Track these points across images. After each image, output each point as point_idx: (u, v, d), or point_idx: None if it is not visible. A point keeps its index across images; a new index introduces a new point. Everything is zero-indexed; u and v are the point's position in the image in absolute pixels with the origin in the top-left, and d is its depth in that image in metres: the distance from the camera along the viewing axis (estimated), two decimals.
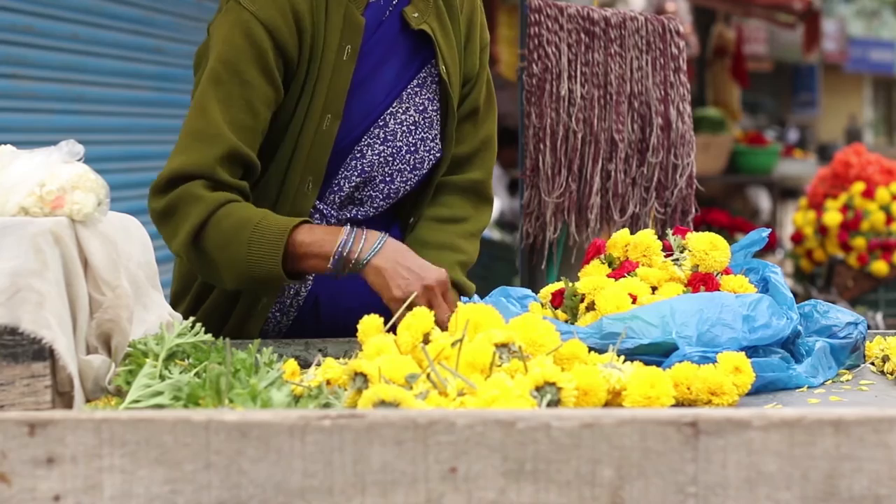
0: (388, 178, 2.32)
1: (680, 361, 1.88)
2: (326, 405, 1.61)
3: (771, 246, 7.53)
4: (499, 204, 8.77)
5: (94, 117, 4.86)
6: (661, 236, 2.21)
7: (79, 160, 1.71)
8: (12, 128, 4.23)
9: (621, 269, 2.14)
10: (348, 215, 2.33)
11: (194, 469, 1.29)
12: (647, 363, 1.79)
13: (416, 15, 2.31)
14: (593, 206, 2.94)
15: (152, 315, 1.80)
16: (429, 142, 2.35)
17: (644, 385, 1.67)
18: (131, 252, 1.77)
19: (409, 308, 1.82)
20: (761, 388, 1.94)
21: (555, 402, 1.54)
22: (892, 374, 2.04)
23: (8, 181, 1.66)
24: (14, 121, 4.31)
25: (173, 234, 2.19)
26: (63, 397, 1.57)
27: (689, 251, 2.15)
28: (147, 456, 1.29)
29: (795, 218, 6.65)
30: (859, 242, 6.20)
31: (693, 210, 3.01)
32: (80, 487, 1.30)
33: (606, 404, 1.68)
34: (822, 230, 6.32)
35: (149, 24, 5.22)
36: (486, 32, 2.51)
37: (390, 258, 2.10)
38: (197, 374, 1.63)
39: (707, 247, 2.13)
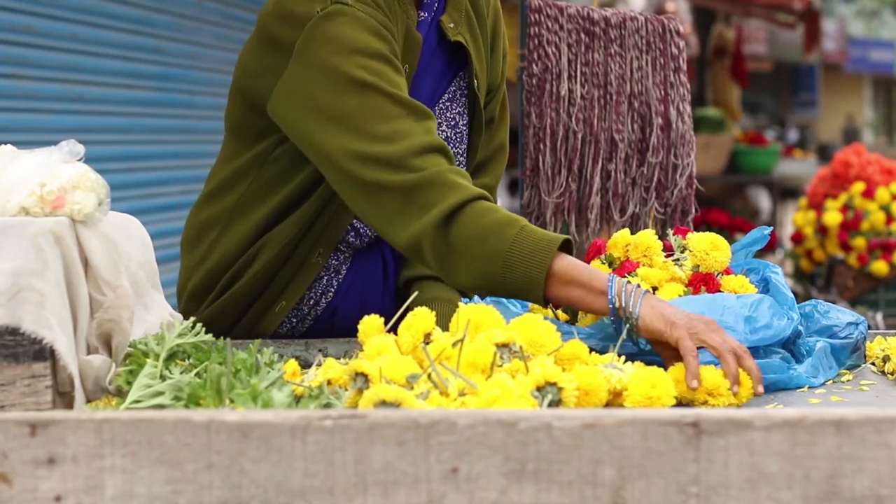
0: None
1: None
2: (327, 405, 1.61)
3: (771, 246, 7.53)
4: (499, 204, 8.75)
5: (94, 117, 4.86)
6: (662, 236, 2.21)
7: (79, 160, 1.71)
8: (12, 128, 4.23)
9: (622, 269, 2.14)
10: (376, 237, 2.33)
11: (195, 469, 1.29)
12: (647, 364, 1.79)
13: (451, 25, 2.29)
14: (593, 206, 2.94)
15: (152, 315, 1.80)
16: (459, 157, 2.33)
17: (645, 385, 1.67)
18: (131, 252, 1.77)
19: (410, 307, 1.82)
20: None
21: (556, 403, 1.54)
22: (892, 374, 2.04)
23: (8, 181, 1.66)
24: (14, 121, 4.31)
25: (420, 212, 2.02)
26: (64, 397, 1.57)
27: (690, 251, 2.15)
28: (148, 456, 1.29)
29: (795, 218, 6.65)
30: (859, 242, 6.20)
31: (693, 210, 3.01)
32: (82, 487, 1.30)
33: (607, 404, 1.68)
34: (822, 230, 6.32)
35: (149, 24, 5.22)
36: (507, 42, 2.50)
37: (667, 306, 1.88)
38: (198, 375, 1.63)
39: (708, 247, 2.13)
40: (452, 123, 2.34)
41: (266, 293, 2.32)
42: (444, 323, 1.81)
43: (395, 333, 1.79)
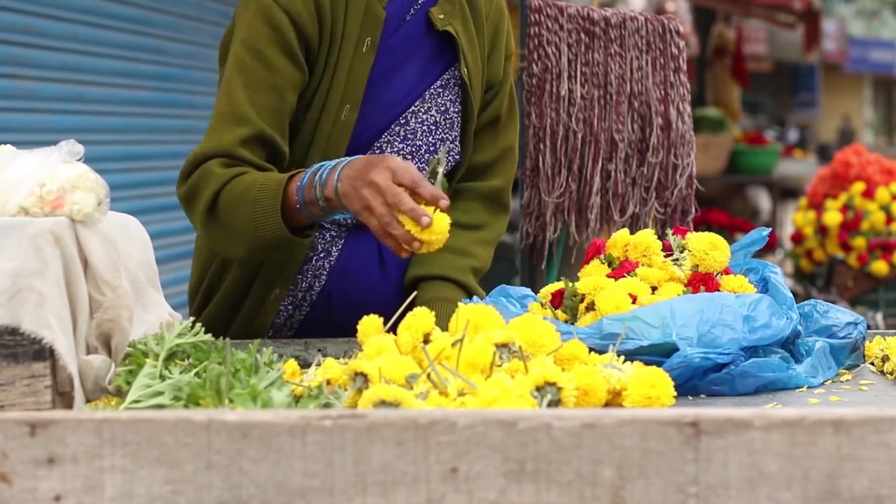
0: None
1: (682, 362, 1.88)
2: (327, 405, 1.61)
3: (771, 246, 7.53)
4: None
5: (94, 117, 4.86)
6: (661, 236, 2.21)
7: (79, 160, 1.71)
8: (12, 128, 4.23)
9: (621, 269, 2.14)
10: None
11: (195, 469, 1.29)
12: (647, 363, 1.79)
13: (441, 16, 2.33)
14: (593, 206, 2.94)
15: (152, 315, 1.80)
16: (448, 143, 2.36)
17: (644, 385, 1.67)
18: (131, 252, 1.77)
19: (411, 306, 1.82)
20: (761, 388, 1.94)
21: (555, 403, 1.54)
22: (891, 373, 2.04)
23: (8, 181, 1.66)
24: (14, 121, 4.31)
25: (194, 214, 2.21)
26: (63, 397, 1.57)
27: (689, 251, 2.15)
28: (148, 456, 1.29)
29: (795, 218, 6.65)
30: (859, 242, 6.20)
31: (693, 210, 3.01)
32: (81, 487, 1.30)
33: (607, 404, 1.68)
34: (822, 230, 6.32)
35: (149, 24, 5.22)
36: (512, 42, 2.52)
37: (345, 178, 2.03)
38: (197, 374, 1.63)
39: (707, 247, 2.13)
40: (442, 109, 2.36)
41: (257, 282, 2.33)
42: (445, 323, 1.82)
43: (395, 333, 1.79)
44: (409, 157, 2.32)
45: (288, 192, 2.11)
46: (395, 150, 2.31)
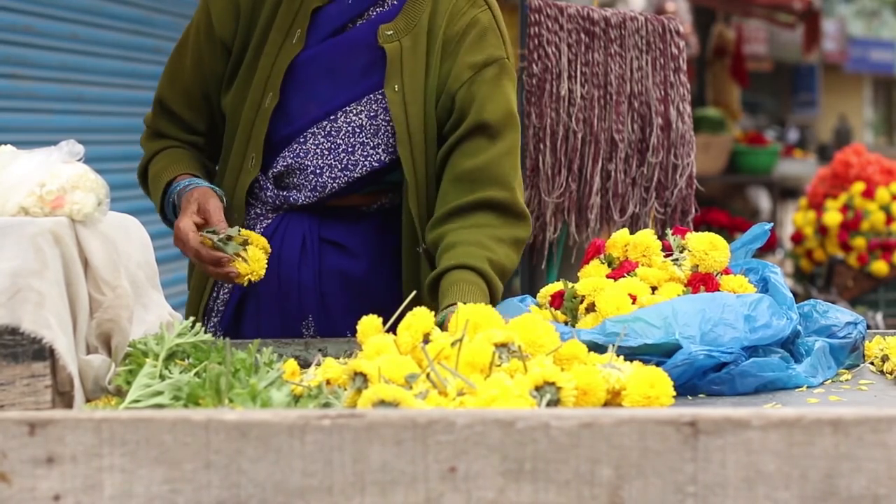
0: (318, 171, 2.38)
1: (685, 360, 1.88)
2: (326, 405, 1.61)
3: (771, 246, 7.53)
4: None
5: (94, 117, 4.86)
6: (661, 236, 2.21)
7: (79, 160, 1.71)
8: (12, 128, 4.23)
9: (621, 269, 2.15)
10: (282, 198, 2.40)
11: (194, 468, 1.29)
12: (647, 363, 1.79)
13: (389, 32, 2.36)
14: (593, 206, 2.94)
15: (152, 315, 1.80)
16: (369, 148, 2.37)
17: (644, 385, 1.68)
18: (131, 252, 1.77)
19: (410, 306, 1.82)
20: (761, 388, 1.94)
21: (554, 402, 1.54)
22: (891, 373, 2.04)
23: (8, 181, 1.66)
24: (14, 121, 4.31)
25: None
26: (63, 397, 1.57)
27: (689, 251, 2.15)
28: (147, 455, 1.29)
29: (795, 218, 6.65)
30: (859, 242, 6.20)
31: (693, 210, 3.01)
32: (80, 487, 1.30)
33: (606, 404, 1.68)
34: (822, 230, 6.32)
35: (149, 24, 5.22)
36: (497, 50, 2.40)
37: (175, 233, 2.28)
38: (197, 374, 1.63)
39: (707, 247, 2.14)
40: (372, 115, 2.38)
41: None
42: (466, 300, 2.01)
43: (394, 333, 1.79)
44: (326, 152, 2.37)
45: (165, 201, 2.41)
46: (317, 143, 2.38)
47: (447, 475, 1.27)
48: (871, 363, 2.14)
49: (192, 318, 1.80)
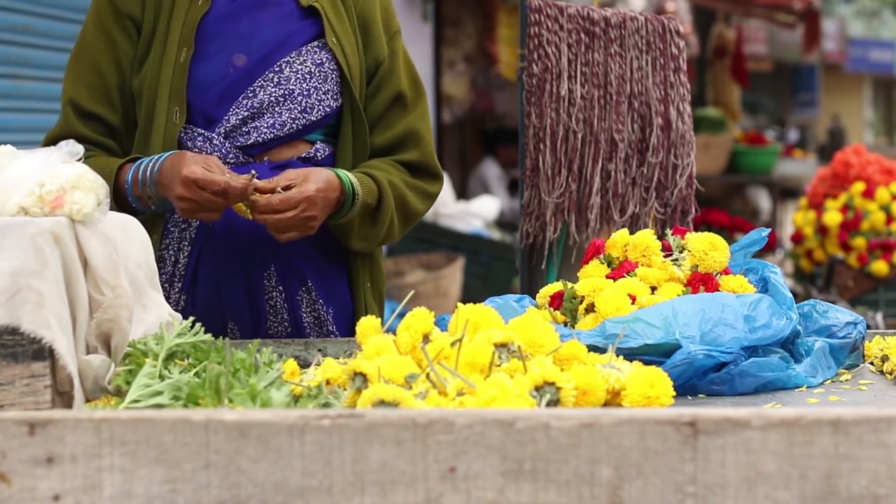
0: (276, 114, 2.42)
1: (685, 359, 1.88)
2: (326, 405, 1.61)
3: (771, 246, 7.52)
4: (499, 204, 8.77)
5: None
6: (661, 236, 2.21)
7: (78, 160, 1.71)
8: (12, 128, 4.23)
9: (620, 269, 2.15)
10: (236, 143, 2.41)
11: (194, 468, 1.29)
12: (647, 364, 1.79)
13: None
14: (593, 206, 2.94)
15: (152, 315, 1.80)
16: (321, 93, 2.45)
17: (643, 385, 1.68)
18: (130, 252, 1.77)
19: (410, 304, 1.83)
20: (761, 388, 1.94)
21: (554, 402, 1.54)
22: (891, 373, 2.04)
23: (8, 181, 1.66)
24: (14, 121, 4.31)
25: None
26: (63, 397, 1.57)
27: (689, 251, 2.15)
28: (146, 455, 1.29)
29: (795, 218, 6.64)
30: (859, 242, 6.20)
31: (693, 210, 3.01)
32: (80, 487, 1.30)
33: (606, 404, 1.68)
34: (822, 230, 6.31)
35: None
36: (395, 18, 2.60)
37: (165, 176, 2.27)
38: (196, 374, 1.63)
39: (706, 247, 2.14)
40: (318, 62, 2.45)
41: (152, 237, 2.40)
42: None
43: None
44: (282, 99, 2.41)
45: (119, 182, 2.33)
46: (268, 93, 2.41)
47: (447, 475, 1.27)
48: (871, 363, 2.14)
49: (191, 318, 1.80)
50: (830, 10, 23.02)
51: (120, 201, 2.33)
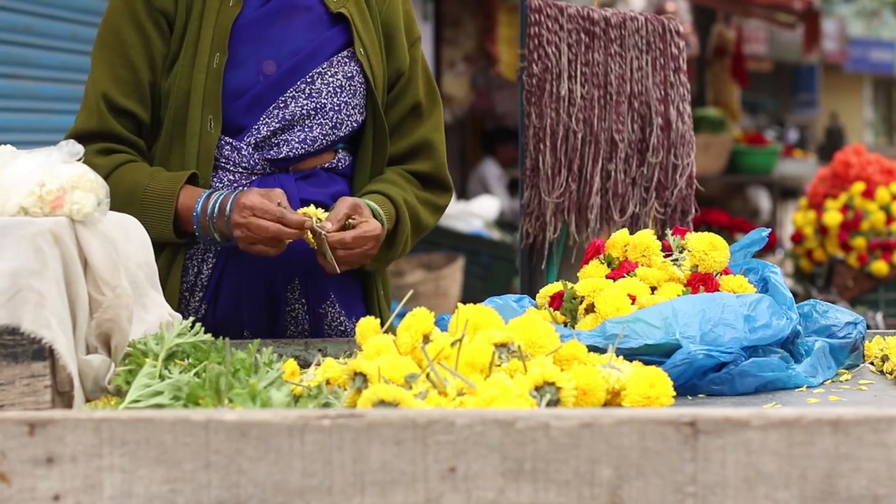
0: (307, 128, 2.41)
1: (685, 359, 1.88)
2: (326, 405, 1.61)
3: (771, 246, 7.52)
4: (499, 204, 8.77)
5: None
6: (661, 236, 2.21)
7: (78, 160, 1.71)
8: (12, 128, 4.23)
9: (620, 269, 2.15)
10: (261, 159, 2.40)
11: (194, 468, 1.29)
12: (647, 364, 1.79)
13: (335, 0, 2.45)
14: (593, 206, 2.94)
15: (152, 315, 1.80)
16: (351, 108, 2.45)
17: (643, 385, 1.68)
18: (131, 252, 1.77)
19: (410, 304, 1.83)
20: (761, 388, 1.94)
21: (554, 402, 1.54)
22: (891, 373, 2.04)
23: (8, 181, 1.66)
24: (14, 121, 4.31)
25: None
26: (63, 397, 1.57)
27: (689, 251, 2.15)
28: (147, 455, 1.29)
29: (795, 218, 6.64)
30: (859, 242, 6.20)
31: (693, 210, 3.01)
32: (80, 487, 1.30)
33: (606, 404, 1.68)
34: (822, 230, 6.31)
35: None
36: (416, 27, 2.59)
37: (236, 214, 2.25)
38: (196, 374, 1.63)
39: (706, 247, 2.14)
40: (349, 76, 2.44)
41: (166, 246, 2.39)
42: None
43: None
44: (313, 112, 2.40)
45: (179, 208, 2.31)
46: (300, 105, 2.40)
47: (447, 475, 1.27)
48: (871, 363, 2.14)
49: (191, 319, 1.80)
50: (830, 10, 23.02)
51: (178, 225, 2.32)
